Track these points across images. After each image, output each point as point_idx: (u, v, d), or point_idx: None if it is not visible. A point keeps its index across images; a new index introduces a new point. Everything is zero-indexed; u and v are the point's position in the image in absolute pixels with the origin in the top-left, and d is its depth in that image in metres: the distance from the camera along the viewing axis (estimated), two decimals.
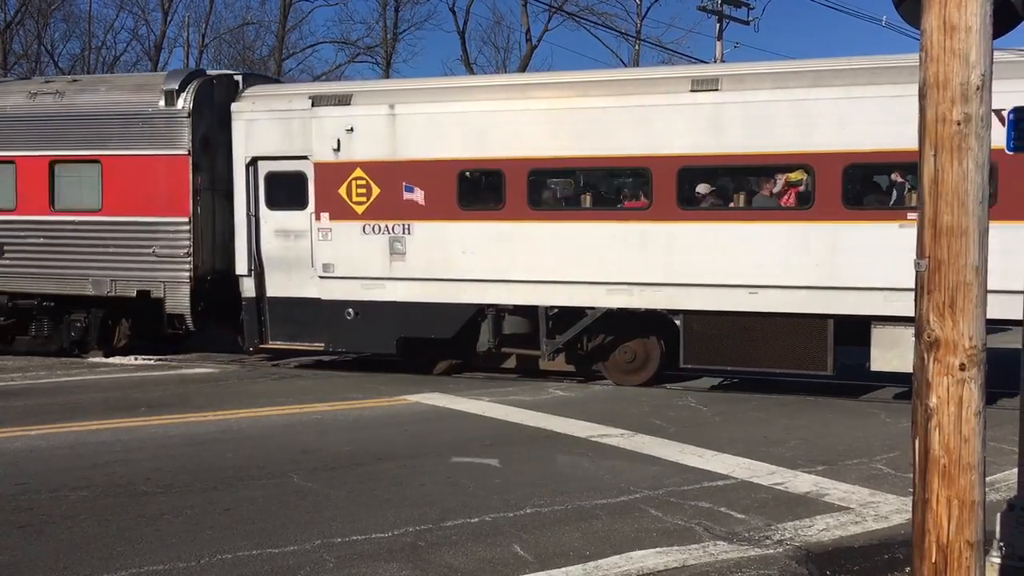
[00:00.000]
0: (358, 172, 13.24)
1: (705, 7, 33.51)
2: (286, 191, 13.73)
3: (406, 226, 13.05)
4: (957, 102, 3.84)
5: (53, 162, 14.74)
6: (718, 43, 33.52)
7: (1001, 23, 4.28)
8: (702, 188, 12.17)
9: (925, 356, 3.95)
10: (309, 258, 13.54)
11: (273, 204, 13.84)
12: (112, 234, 14.42)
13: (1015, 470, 5.60)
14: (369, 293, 13.25)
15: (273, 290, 13.90)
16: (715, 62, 29.92)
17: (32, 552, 5.97)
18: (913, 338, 4.06)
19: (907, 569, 5.34)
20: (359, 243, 13.23)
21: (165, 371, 13.96)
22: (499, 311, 12.93)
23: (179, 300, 14.12)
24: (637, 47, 40.08)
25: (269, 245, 13.83)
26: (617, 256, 12.18)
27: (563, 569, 5.72)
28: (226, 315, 14.36)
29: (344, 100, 13.48)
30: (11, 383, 12.78)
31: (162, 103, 14.10)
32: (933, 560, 3.97)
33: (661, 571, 5.71)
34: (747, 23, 34.14)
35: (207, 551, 5.97)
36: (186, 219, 14.01)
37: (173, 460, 8.39)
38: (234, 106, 14.00)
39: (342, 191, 13.28)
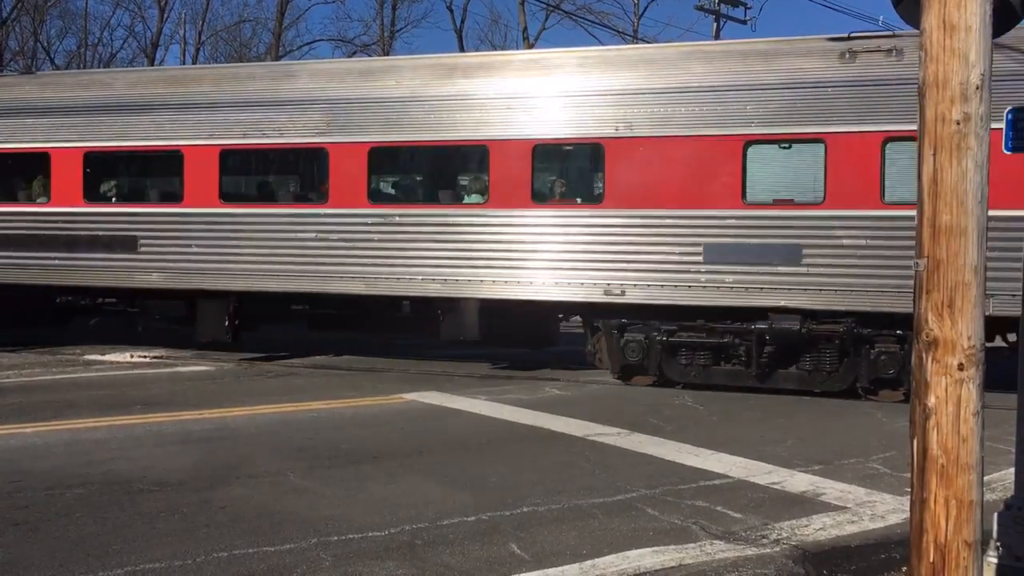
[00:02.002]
0: None
1: (702, 6, 33.56)
2: None
3: None
4: (956, 101, 3.83)
5: None
6: None
7: (1000, 22, 4.27)
8: None
9: (924, 356, 3.94)
10: None
11: None
12: None
13: (1012, 470, 5.60)
14: None
15: None
16: None
17: (27, 550, 5.95)
18: None
19: (904, 569, 5.34)
20: None
21: (161, 369, 13.95)
22: None
23: None
24: None
25: None
26: None
27: (560, 568, 5.71)
28: None
29: None
30: (6, 380, 12.74)
31: None
32: (931, 560, 3.97)
33: (658, 570, 5.70)
34: (744, 22, 34.20)
35: (203, 549, 5.95)
36: None
37: (169, 458, 8.37)
38: None
39: None
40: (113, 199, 15.27)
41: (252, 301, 14.35)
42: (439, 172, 14.42)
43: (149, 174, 15.75)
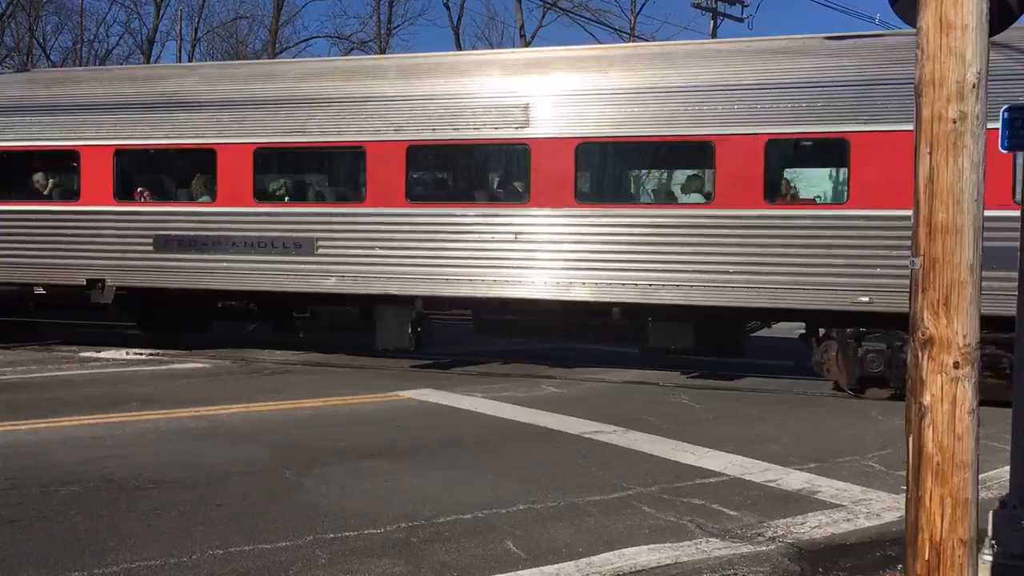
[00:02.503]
0: None
1: (700, 4, 33.56)
2: None
3: None
4: (953, 100, 3.84)
5: None
6: None
7: (997, 21, 4.27)
8: None
9: (919, 354, 3.95)
10: None
11: None
12: None
13: (1007, 468, 5.61)
14: None
15: None
16: None
17: (22, 547, 5.94)
18: None
19: (899, 567, 5.35)
20: None
21: (157, 366, 13.93)
22: None
23: None
24: None
25: None
26: None
27: (556, 566, 5.71)
28: None
29: None
30: (2, 377, 12.71)
31: None
32: (926, 558, 3.98)
33: (654, 568, 5.71)
34: (741, 20, 34.19)
35: (199, 546, 5.94)
36: None
37: (164, 455, 8.36)
38: None
39: None
40: (285, 199, 14.51)
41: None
42: (663, 169, 13.56)
43: (325, 172, 15.00)
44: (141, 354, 14.88)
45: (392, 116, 13.29)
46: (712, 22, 33.80)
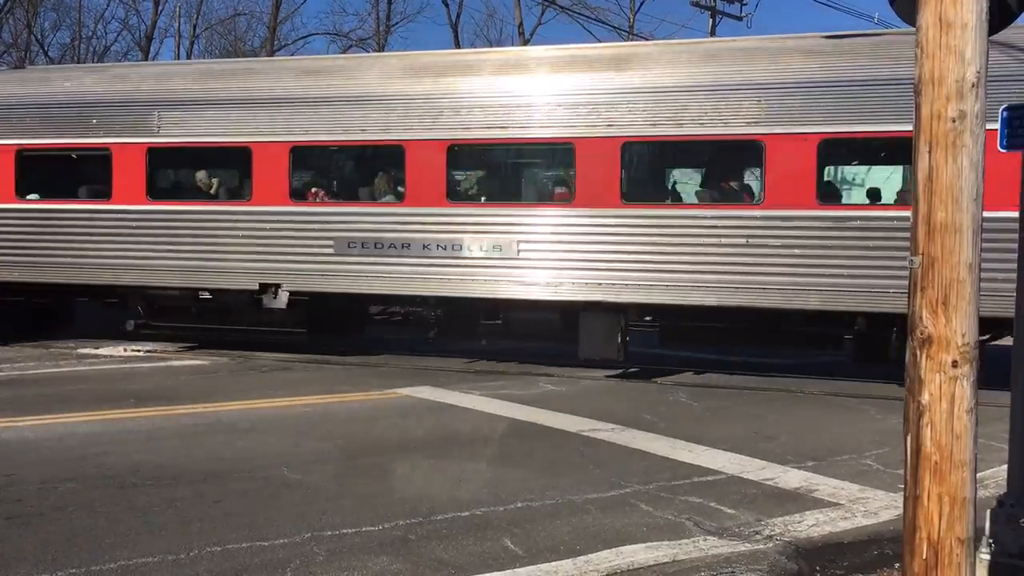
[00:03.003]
0: None
1: (698, 2, 33.51)
2: None
3: None
4: (952, 99, 3.83)
5: None
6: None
7: (997, 20, 4.27)
8: None
9: (918, 353, 3.95)
10: None
11: None
12: None
13: (1004, 467, 5.61)
14: None
15: None
16: None
17: (20, 544, 5.93)
18: None
19: (896, 565, 5.36)
20: None
21: (154, 363, 13.92)
22: None
23: None
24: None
25: None
26: None
27: (553, 563, 5.71)
28: None
29: None
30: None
31: None
32: (924, 557, 3.98)
33: (651, 565, 5.71)
34: (740, 19, 34.14)
35: (197, 543, 5.94)
36: None
37: (162, 452, 8.36)
38: None
39: None
40: (482, 199, 13.62)
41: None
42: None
43: (526, 170, 14.10)
44: (139, 351, 14.86)
45: (603, 111, 12.36)
46: (711, 20, 33.78)
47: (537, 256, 12.63)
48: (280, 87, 13.93)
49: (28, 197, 15.08)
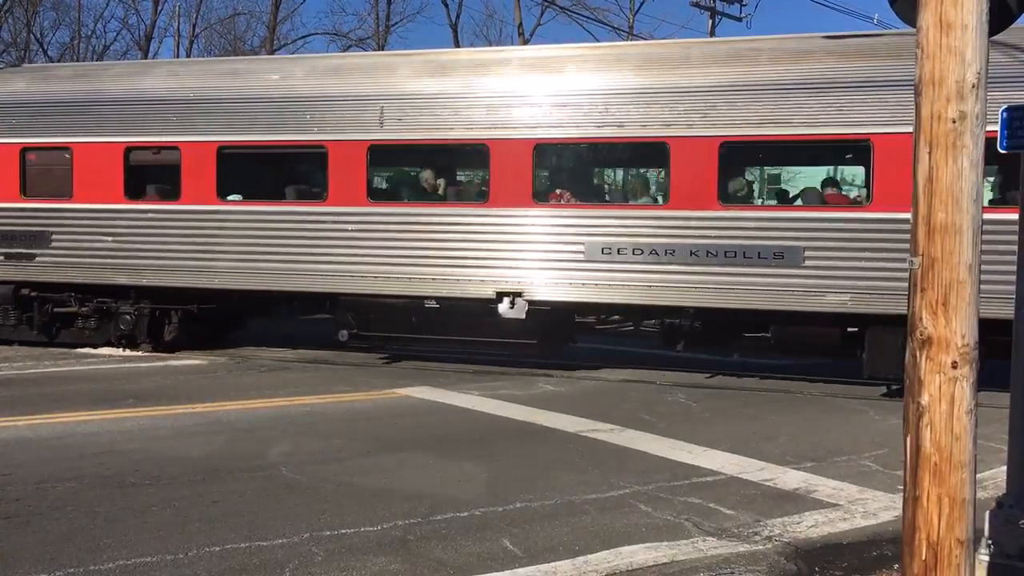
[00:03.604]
0: None
1: (698, 3, 33.51)
2: None
3: None
4: (952, 100, 3.83)
5: None
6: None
7: (997, 21, 4.27)
8: None
9: (917, 354, 3.94)
10: None
11: None
12: None
13: (1004, 468, 5.62)
14: None
15: None
16: None
17: (18, 543, 5.93)
18: None
19: (896, 566, 5.36)
20: None
21: (153, 362, 13.91)
22: None
23: None
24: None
25: None
26: None
27: (552, 564, 5.71)
28: None
29: None
30: None
31: None
32: (923, 558, 3.97)
33: (650, 566, 5.71)
34: (739, 19, 34.15)
35: (195, 543, 5.94)
36: None
37: (161, 452, 8.35)
38: None
39: None
40: (758, 200, 12.57)
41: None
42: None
43: (805, 169, 12.93)
44: (138, 350, 14.85)
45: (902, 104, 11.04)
46: (710, 21, 33.78)
47: (829, 265, 11.55)
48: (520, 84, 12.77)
49: (229, 198, 13.97)
